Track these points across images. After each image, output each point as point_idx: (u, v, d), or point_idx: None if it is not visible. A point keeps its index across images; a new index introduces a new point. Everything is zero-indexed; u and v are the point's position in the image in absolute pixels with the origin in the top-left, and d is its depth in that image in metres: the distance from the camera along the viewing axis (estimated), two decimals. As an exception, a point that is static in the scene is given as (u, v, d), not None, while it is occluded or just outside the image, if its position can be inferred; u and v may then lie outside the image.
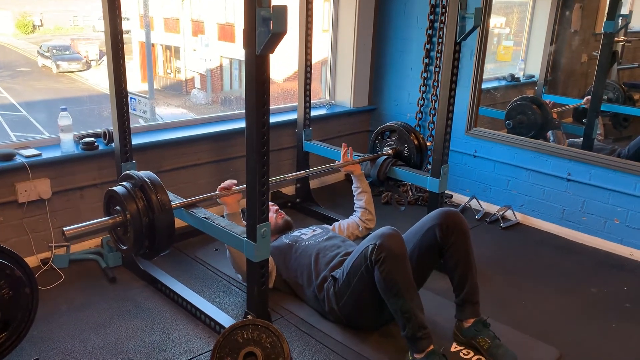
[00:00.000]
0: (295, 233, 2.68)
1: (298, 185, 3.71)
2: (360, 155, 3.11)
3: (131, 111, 2.71)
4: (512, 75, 4.07)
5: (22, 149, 2.75)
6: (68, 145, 2.82)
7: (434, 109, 3.90)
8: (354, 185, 2.99)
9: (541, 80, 3.93)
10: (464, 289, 2.22)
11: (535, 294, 2.73)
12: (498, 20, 4.09)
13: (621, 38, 3.51)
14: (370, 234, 2.28)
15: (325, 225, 2.87)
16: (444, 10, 3.68)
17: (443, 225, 2.24)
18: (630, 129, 3.65)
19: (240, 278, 2.62)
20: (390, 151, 3.16)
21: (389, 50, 4.15)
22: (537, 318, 2.52)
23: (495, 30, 4.03)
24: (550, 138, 3.69)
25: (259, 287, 2.17)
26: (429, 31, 3.83)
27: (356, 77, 4.17)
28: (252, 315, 2.19)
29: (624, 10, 3.35)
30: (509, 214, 3.62)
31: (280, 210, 2.85)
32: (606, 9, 3.43)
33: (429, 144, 3.19)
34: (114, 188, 2.14)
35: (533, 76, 4.01)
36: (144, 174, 2.17)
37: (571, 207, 3.38)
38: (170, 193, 2.29)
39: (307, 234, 2.65)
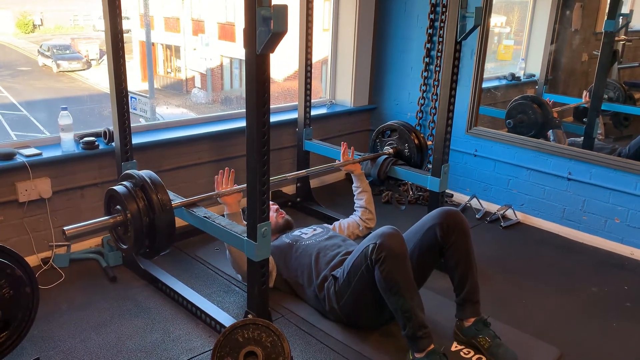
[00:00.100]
0: (296, 232, 2.68)
1: (298, 184, 3.71)
2: (360, 155, 3.11)
3: (131, 110, 2.71)
4: (513, 75, 4.07)
5: (23, 148, 2.75)
6: (68, 144, 2.82)
7: (435, 108, 3.90)
8: (354, 184, 2.98)
9: (542, 80, 3.93)
10: (464, 288, 2.22)
11: (535, 293, 2.74)
12: (498, 20, 4.09)
13: (622, 37, 3.51)
14: (371, 233, 2.28)
15: (325, 224, 2.87)
16: (444, 9, 3.68)
17: (443, 225, 2.24)
18: (630, 128, 3.65)
19: (241, 278, 2.62)
20: (391, 150, 3.16)
21: (389, 50, 4.15)
22: (538, 317, 2.52)
23: (495, 30, 4.02)
24: (551, 137, 3.69)
25: (260, 287, 2.17)
26: (430, 30, 3.82)
27: (356, 76, 4.17)
28: (253, 315, 2.19)
29: (625, 10, 3.35)
30: (509, 213, 3.62)
31: (281, 210, 2.84)
32: (607, 8, 3.43)
33: (429, 143, 3.18)
34: (114, 187, 2.14)
35: (533, 75, 4.01)
36: (144, 173, 2.17)
37: (572, 207, 3.38)
38: (170, 192, 2.29)
39: (308, 233, 2.64)
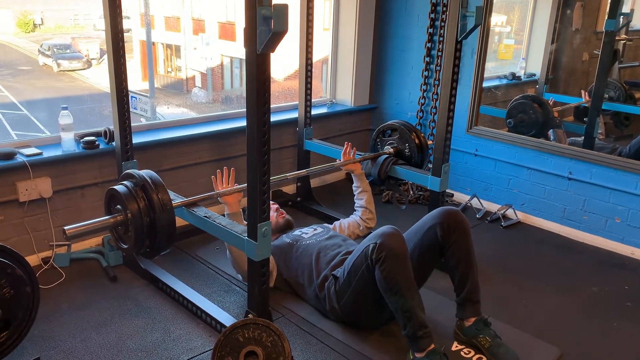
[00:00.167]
0: (296, 232, 2.68)
1: (299, 184, 3.71)
2: (361, 154, 3.11)
3: (132, 110, 2.71)
4: (513, 74, 4.06)
5: (23, 147, 2.75)
6: (69, 144, 2.82)
7: (435, 107, 3.90)
8: (354, 184, 2.98)
9: (542, 79, 3.93)
10: (464, 288, 2.22)
11: (536, 293, 2.73)
12: (499, 19, 4.08)
13: (622, 36, 3.50)
14: (371, 233, 2.28)
15: (326, 224, 2.87)
16: (445, 8, 3.67)
17: (444, 224, 2.23)
18: (631, 128, 3.65)
19: (241, 278, 2.62)
20: (391, 150, 3.16)
21: (389, 49, 4.15)
22: (538, 317, 2.52)
23: (496, 29, 4.02)
24: (551, 137, 3.69)
25: (260, 286, 2.16)
26: (430, 30, 3.82)
27: (357, 76, 4.17)
28: (253, 314, 2.19)
29: (625, 9, 3.35)
30: (509, 212, 3.62)
31: (281, 209, 2.84)
32: (607, 7, 3.42)
33: (429, 142, 3.18)
34: (115, 187, 2.14)
35: (534, 75, 4.00)
36: (145, 172, 2.17)
37: (572, 206, 3.38)
38: (171, 192, 2.29)
39: (308, 233, 2.64)
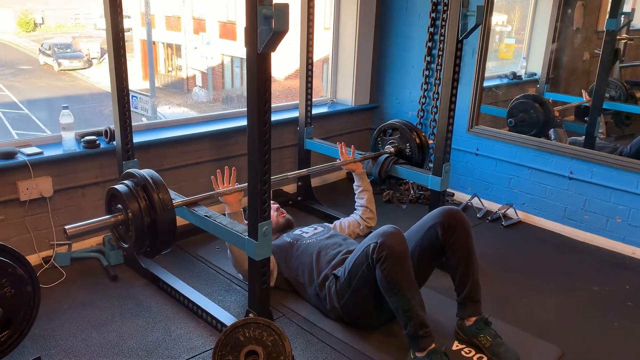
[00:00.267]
0: (297, 231, 2.68)
1: (299, 183, 3.71)
2: (361, 154, 3.11)
3: (133, 109, 2.71)
4: (514, 73, 4.06)
5: (24, 147, 2.75)
6: (70, 143, 2.82)
7: (436, 107, 3.90)
8: (355, 183, 2.98)
9: (543, 78, 3.93)
10: (465, 288, 2.22)
11: (536, 293, 2.73)
12: (500, 18, 4.08)
13: (623, 36, 3.50)
14: (372, 232, 2.28)
15: (326, 223, 2.87)
16: (445, 7, 3.67)
17: (445, 224, 2.23)
18: (632, 127, 3.64)
19: (242, 277, 2.62)
20: (392, 149, 3.16)
21: (390, 48, 4.15)
22: (539, 316, 2.52)
23: (497, 28, 4.02)
24: (552, 136, 3.68)
25: (261, 286, 2.17)
26: (431, 29, 3.82)
27: (358, 75, 4.16)
28: (254, 314, 2.19)
29: (627, 8, 3.35)
30: (510, 212, 3.62)
31: (282, 209, 2.84)
32: (608, 6, 3.42)
33: (430, 142, 3.18)
34: (115, 186, 2.14)
35: (535, 74, 4.00)
36: (145, 172, 2.17)
37: (573, 206, 3.38)
38: (171, 191, 2.29)
39: (309, 232, 2.64)
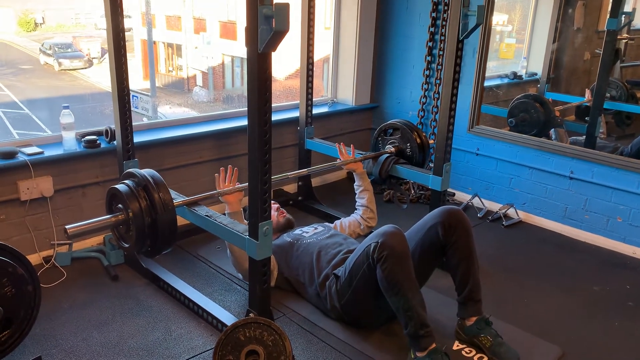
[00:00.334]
0: (297, 231, 2.68)
1: (300, 183, 3.71)
2: (362, 153, 3.11)
3: (133, 109, 2.71)
4: (515, 73, 4.06)
5: (25, 146, 2.75)
6: (70, 143, 2.82)
7: (436, 106, 3.89)
8: (355, 183, 2.98)
9: (544, 78, 3.92)
10: (466, 287, 2.22)
11: (537, 292, 2.73)
12: (500, 18, 4.07)
13: (624, 36, 3.50)
14: (373, 232, 2.28)
15: (326, 223, 2.87)
16: (446, 7, 3.67)
17: (445, 224, 2.23)
18: (632, 127, 3.64)
19: (242, 277, 2.62)
20: (393, 149, 3.16)
21: (391, 48, 4.15)
22: (540, 316, 2.52)
23: (497, 28, 4.02)
24: (553, 136, 3.68)
25: (261, 285, 2.16)
26: (432, 29, 3.82)
27: (358, 75, 4.17)
28: (254, 313, 2.19)
29: (627, 8, 3.34)
30: (511, 212, 3.62)
31: (282, 209, 2.84)
32: (609, 6, 3.42)
33: (431, 142, 3.18)
34: (116, 186, 2.14)
35: (535, 74, 4.00)
36: (146, 172, 2.17)
37: (574, 206, 3.38)
38: (172, 191, 2.29)
39: (309, 232, 2.64)
